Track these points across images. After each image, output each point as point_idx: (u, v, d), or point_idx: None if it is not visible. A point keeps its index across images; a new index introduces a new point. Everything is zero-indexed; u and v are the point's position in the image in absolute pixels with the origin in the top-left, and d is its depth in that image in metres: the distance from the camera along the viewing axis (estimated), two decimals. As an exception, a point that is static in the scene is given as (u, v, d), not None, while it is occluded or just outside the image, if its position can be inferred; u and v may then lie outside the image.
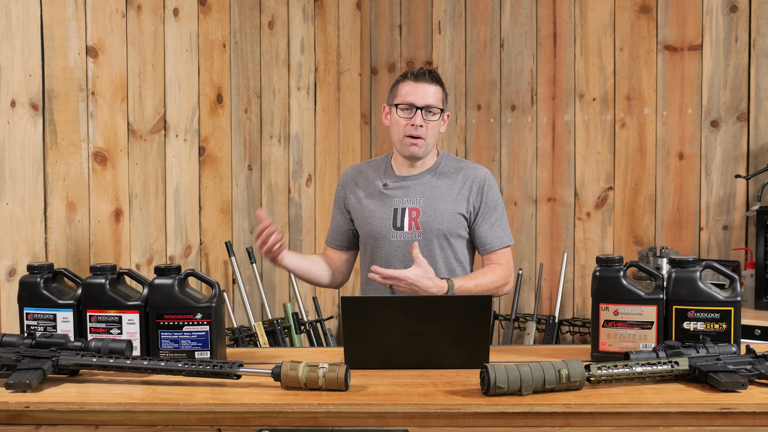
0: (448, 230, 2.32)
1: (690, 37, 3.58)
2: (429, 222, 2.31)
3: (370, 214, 2.37)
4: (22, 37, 2.43)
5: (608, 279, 1.87)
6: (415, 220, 2.32)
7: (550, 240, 3.93)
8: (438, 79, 2.34)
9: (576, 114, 3.84)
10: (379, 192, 2.38)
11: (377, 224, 2.35)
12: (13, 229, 2.42)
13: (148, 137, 2.94)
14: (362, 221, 2.39)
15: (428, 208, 2.33)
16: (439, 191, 2.35)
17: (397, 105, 2.32)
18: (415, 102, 2.29)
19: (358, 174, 2.46)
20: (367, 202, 2.38)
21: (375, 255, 2.36)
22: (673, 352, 1.70)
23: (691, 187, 3.61)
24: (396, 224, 2.33)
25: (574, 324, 3.84)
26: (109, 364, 1.69)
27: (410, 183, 2.37)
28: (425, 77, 2.31)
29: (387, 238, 2.33)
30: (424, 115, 2.29)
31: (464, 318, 1.80)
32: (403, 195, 2.35)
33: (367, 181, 2.42)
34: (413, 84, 2.31)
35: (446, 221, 2.32)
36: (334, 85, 4.06)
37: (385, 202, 2.36)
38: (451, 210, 2.33)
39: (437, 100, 2.31)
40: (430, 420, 1.54)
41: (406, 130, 2.30)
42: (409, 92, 2.30)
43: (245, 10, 3.45)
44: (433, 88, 2.31)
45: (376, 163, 2.47)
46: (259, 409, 1.55)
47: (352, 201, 2.42)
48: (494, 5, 4.02)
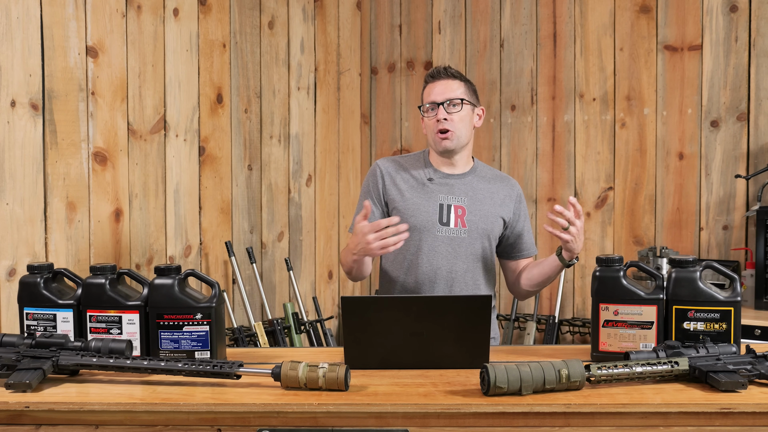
0: (491, 231, 2.38)
1: (690, 37, 3.58)
2: (475, 221, 2.36)
3: (415, 206, 2.37)
4: (22, 37, 2.43)
5: (608, 279, 1.87)
6: (461, 218, 2.36)
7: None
8: (455, 74, 2.39)
9: (576, 114, 3.84)
10: (423, 185, 2.40)
11: (422, 217, 2.35)
12: (13, 229, 2.42)
13: (148, 137, 2.94)
14: (405, 213, 2.36)
15: (473, 207, 2.37)
16: (481, 193, 2.40)
17: (421, 108, 2.40)
18: (436, 99, 2.35)
19: (397, 166, 2.45)
20: (411, 194, 2.39)
21: (418, 248, 2.35)
22: (673, 352, 1.69)
23: (691, 187, 3.61)
24: (442, 219, 2.36)
25: (574, 324, 3.84)
26: (109, 364, 1.69)
27: (454, 181, 2.40)
28: (441, 75, 2.38)
29: (432, 232, 2.35)
30: (446, 108, 2.33)
31: (464, 318, 1.80)
32: (447, 192, 2.38)
33: (408, 173, 2.43)
34: (431, 84, 2.39)
35: (490, 222, 2.38)
36: (334, 85, 4.06)
37: (430, 197, 2.38)
38: (495, 213, 2.40)
39: (458, 92, 2.35)
40: (430, 420, 1.54)
41: (434, 127, 2.35)
42: (429, 93, 2.38)
43: (245, 10, 3.45)
44: (451, 82, 2.36)
45: (413, 158, 2.48)
46: (259, 409, 1.55)
47: (393, 192, 2.41)
48: (494, 5, 4.02)
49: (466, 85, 2.39)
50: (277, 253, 3.69)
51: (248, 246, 3.48)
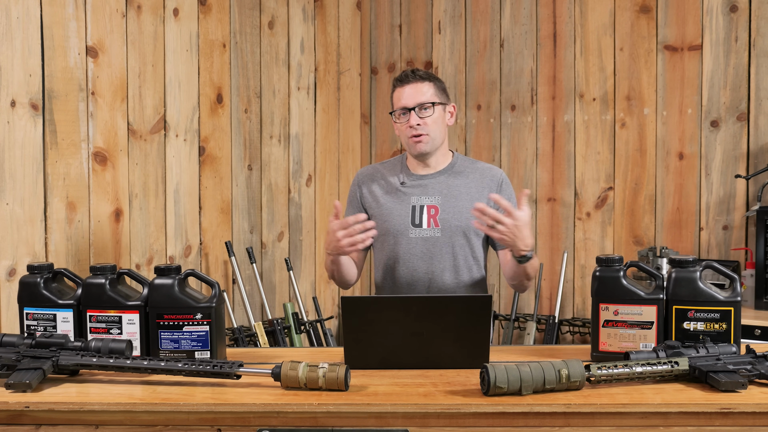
0: (467, 227, 2.35)
1: (690, 37, 3.58)
2: (448, 219, 2.35)
3: (388, 211, 2.39)
4: (22, 37, 2.43)
5: (608, 279, 1.87)
6: (433, 218, 2.35)
7: (550, 240, 3.93)
8: (424, 76, 2.37)
9: (576, 114, 3.84)
10: (396, 190, 2.41)
11: (395, 221, 2.37)
12: (13, 229, 2.42)
13: (148, 137, 2.94)
14: (380, 219, 2.40)
15: (447, 205, 2.36)
16: (456, 189, 2.38)
17: (393, 113, 2.39)
18: (407, 104, 2.34)
19: (374, 172, 2.49)
20: (384, 200, 2.41)
21: (394, 252, 2.37)
22: (673, 352, 1.69)
23: (691, 187, 3.61)
24: (414, 221, 2.36)
25: (574, 324, 3.84)
26: (109, 364, 1.70)
27: (427, 181, 2.40)
28: (409, 78, 2.36)
29: (405, 234, 2.36)
30: (418, 113, 2.33)
31: (464, 318, 1.80)
32: (420, 193, 2.38)
33: (384, 179, 2.45)
34: (400, 89, 2.37)
35: (465, 218, 2.35)
36: (334, 85, 4.06)
37: (403, 200, 2.39)
38: (470, 207, 2.34)
39: (428, 95, 2.34)
40: (430, 420, 1.54)
41: (408, 132, 2.35)
42: (399, 97, 2.37)
43: (245, 10, 3.45)
44: (420, 85, 2.35)
45: (390, 164, 2.51)
46: (259, 409, 1.55)
47: (369, 199, 2.45)
48: (494, 5, 4.02)
49: (436, 85, 2.37)
50: (277, 253, 3.69)
51: (248, 246, 3.48)
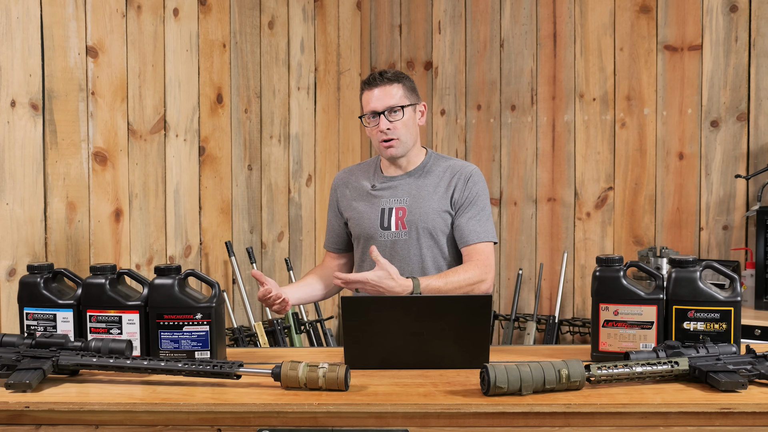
0: (434, 228, 2.33)
1: (690, 37, 3.58)
2: (414, 221, 2.34)
3: (359, 215, 2.41)
4: (22, 37, 2.43)
5: (608, 279, 1.87)
6: (401, 220, 2.35)
7: (550, 240, 3.93)
8: (393, 77, 2.33)
9: (576, 114, 3.84)
10: (367, 193, 2.42)
11: (366, 224, 2.39)
12: (13, 229, 2.42)
13: (148, 137, 2.94)
14: (353, 222, 2.43)
15: (414, 206, 2.35)
16: (425, 190, 2.37)
17: (362, 117, 2.37)
18: (376, 108, 2.31)
19: (349, 176, 2.51)
20: (356, 204, 2.43)
21: (365, 255, 2.37)
22: (673, 352, 1.69)
23: (691, 187, 3.61)
24: (383, 224, 2.36)
25: (574, 324, 3.84)
26: (109, 364, 1.69)
27: (397, 183, 2.40)
28: (377, 81, 2.32)
29: (375, 238, 2.36)
30: (388, 117, 2.30)
31: (464, 318, 1.80)
32: (390, 195, 2.39)
33: (357, 183, 2.46)
34: (369, 92, 2.33)
35: (431, 219, 2.33)
36: (334, 85, 4.06)
37: (373, 203, 2.39)
38: (436, 207, 2.34)
39: (397, 97, 2.31)
40: (430, 420, 1.54)
41: (378, 137, 2.33)
42: (368, 101, 2.33)
43: (245, 10, 3.45)
44: (388, 88, 2.31)
45: (366, 165, 2.51)
46: (259, 409, 1.55)
47: (344, 203, 2.48)
48: (494, 5, 4.02)
49: (405, 86, 2.34)
50: (277, 253, 3.69)
51: (248, 246, 3.48)
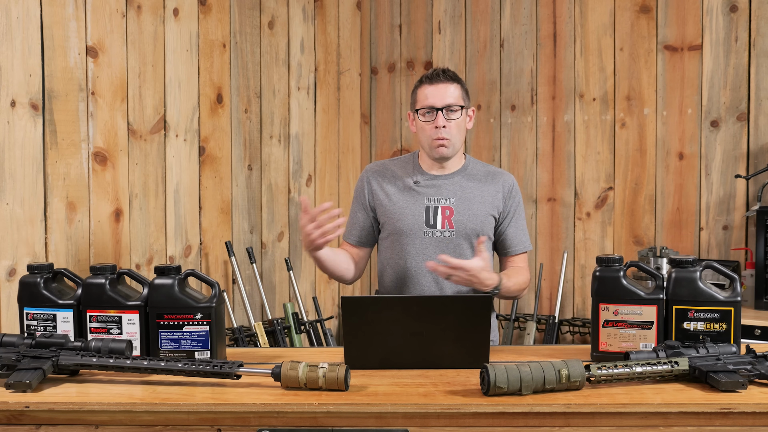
0: (481, 230, 2.35)
1: (690, 37, 3.58)
2: (463, 221, 2.34)
3: (401, 210, 2.37)
4: (22, 37, 2.43)
5: (608, 279, 1.87)
6: (448, 219, 2.34)
7: (550, 240, 3.93)
8: (454, 77, 2.35)
9: (576, 114, 3.84)
10: (409, 189, 2.39)
11: (409, 221, 2.35)
12: (13, 229, 2.42)
13: (148, 137, 2.94)
14: (391, 217, 2.38)
15: (461, 207, 2.35)
16: (470, 192, 2.37)
17: (418, 110, 2.35)
18: (435, 104, 2.31)
19: (383, 169, 2.46)
20: (397, 198, 2.39)
21: (405, 252, 2.35)
22: (673, 352, 1.70)
23: (691, 187, 3.61)
24: (429, 221, 2.35)
25: (574, 324, 3.84)
26: (109, 364, 1.70)
27: (441, 182, 2.38)
28: (440, 77, 2.33)
29: (419, 235, 2.34)
30: (445, 115, 2.31)
31: (464, 318, 1.80)
32: (434, 193, 2.37)
33: (395, 177, 2.42)
34: (430, 86, 2.33)
35: (479, 221, 2.34)
36: (334, 85, 4.06)
37: (417, 199, 2.37)
38: (484, 211, 2.36)
39: (456, 97, 2.33)
40: (430, 420, 1.54)
41: (432, 134, 2.32)
42: (427, 95, 2.32)
43: (245, 10, 3.45)
44: (450, 86, 2.33)
45: (402, 161, 2.48)
46: (259, 409, 1.55)
47: (380, 196, 2.42)
48: (494, 5, 4.02)
49: (462, 88, 2.37)
50: (277, 253, 3.69)
51: (248, 246, 3.48)
